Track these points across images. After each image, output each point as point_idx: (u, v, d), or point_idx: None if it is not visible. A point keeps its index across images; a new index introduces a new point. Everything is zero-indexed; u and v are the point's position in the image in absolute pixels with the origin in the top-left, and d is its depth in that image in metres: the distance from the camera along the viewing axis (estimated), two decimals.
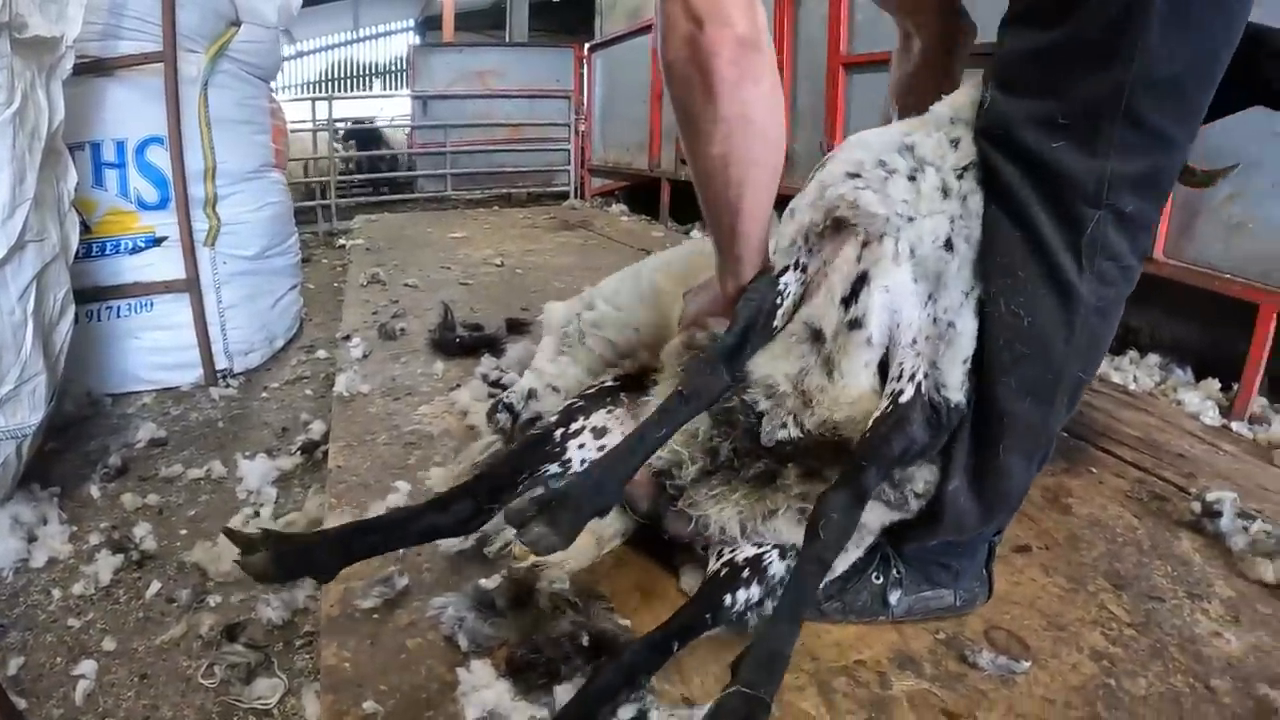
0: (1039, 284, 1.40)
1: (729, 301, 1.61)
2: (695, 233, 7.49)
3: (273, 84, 4.57)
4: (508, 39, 16.71)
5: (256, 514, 2.52)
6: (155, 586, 2.26)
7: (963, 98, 1.55)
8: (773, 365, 1.55)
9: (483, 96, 11.89)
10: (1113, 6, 1.25)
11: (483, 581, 1.65)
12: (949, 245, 1.45)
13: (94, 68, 3.52)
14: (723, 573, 1.59)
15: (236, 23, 3.98)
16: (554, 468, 1.71)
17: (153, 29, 3.58)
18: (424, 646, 1.56)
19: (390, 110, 16.59)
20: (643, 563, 1.84)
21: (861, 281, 1.48)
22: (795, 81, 6.00)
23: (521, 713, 1.37)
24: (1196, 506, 2.21)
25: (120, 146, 3.65)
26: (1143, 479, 2.47)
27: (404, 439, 2.50)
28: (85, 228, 3.47)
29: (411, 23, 29.88)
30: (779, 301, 1.53)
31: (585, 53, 10.88)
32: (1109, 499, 2.33)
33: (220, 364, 3.95)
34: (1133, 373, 3.65)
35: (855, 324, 1.49)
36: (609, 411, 1.81)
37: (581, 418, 1.77)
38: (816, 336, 1.52)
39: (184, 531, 2.56)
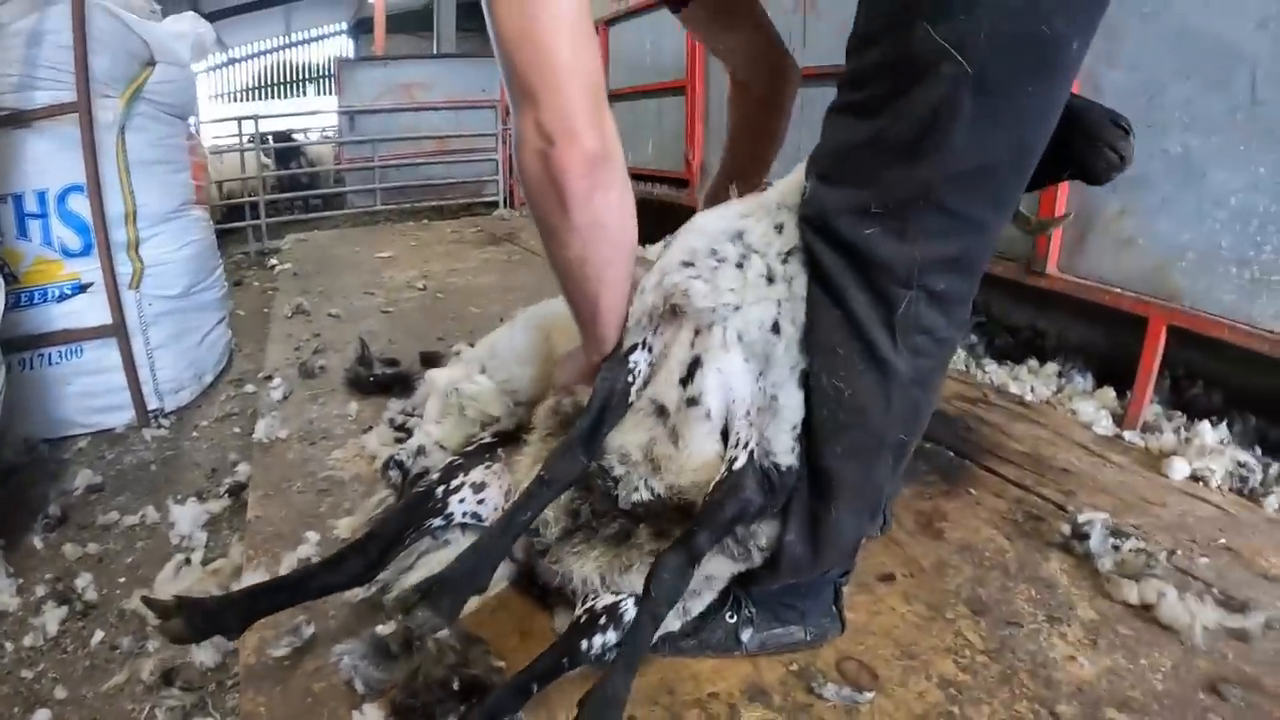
0: (857, 359, 1.48)
1: (593, 370, 1.74)
2: None
3: (190, 119, 4.62)
4: (435, 48, 16.67)
5: (188, 561, 2.64)
6: (99, 635, 2.41)
7: (792, 182, 1.64)
8: (625, 436, 1.68)
9: (409, 109, 11.93)
10: (921, 107, 1.31)
11: (379, 629, 1.77)
12: (775, 328, 1.56)
13: (12, 120, 3.61)
14: (583, 619, 1.68)
15: (151, 63, 4.04)
16: (438, 521, 1.85)
17: (67, 78, 3.65)
18: (327, 691, 1.71)
19: (321, 122, 16.50)
20: (523, 604, 1.96)
21: (696, 364, 1.60)
22: (709, 99, 6.11)
23: None
24: (1068, 528, 2.28)
25: (42, 196, 3.72)
26: (1022, 499, 2.53)
27: (318, 485, 2.62)
28: (13, 278, 3.60)
29: (344, 26, 29.58)
30: (630, 380, 1.66)
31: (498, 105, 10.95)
32: (984, 521, 2.39)
33: (151, 404, 4.04)
34: (1030, 383, 3.70)
35: (693, 401, 1.61)
36: (487, 467, 1.94)
37: (461, 474, 1.90)
38: (661, 411, 1.65)
39: (123, 579, 2.72)
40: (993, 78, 1.28)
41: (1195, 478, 2.78)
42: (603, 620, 1.67)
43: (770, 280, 1.57)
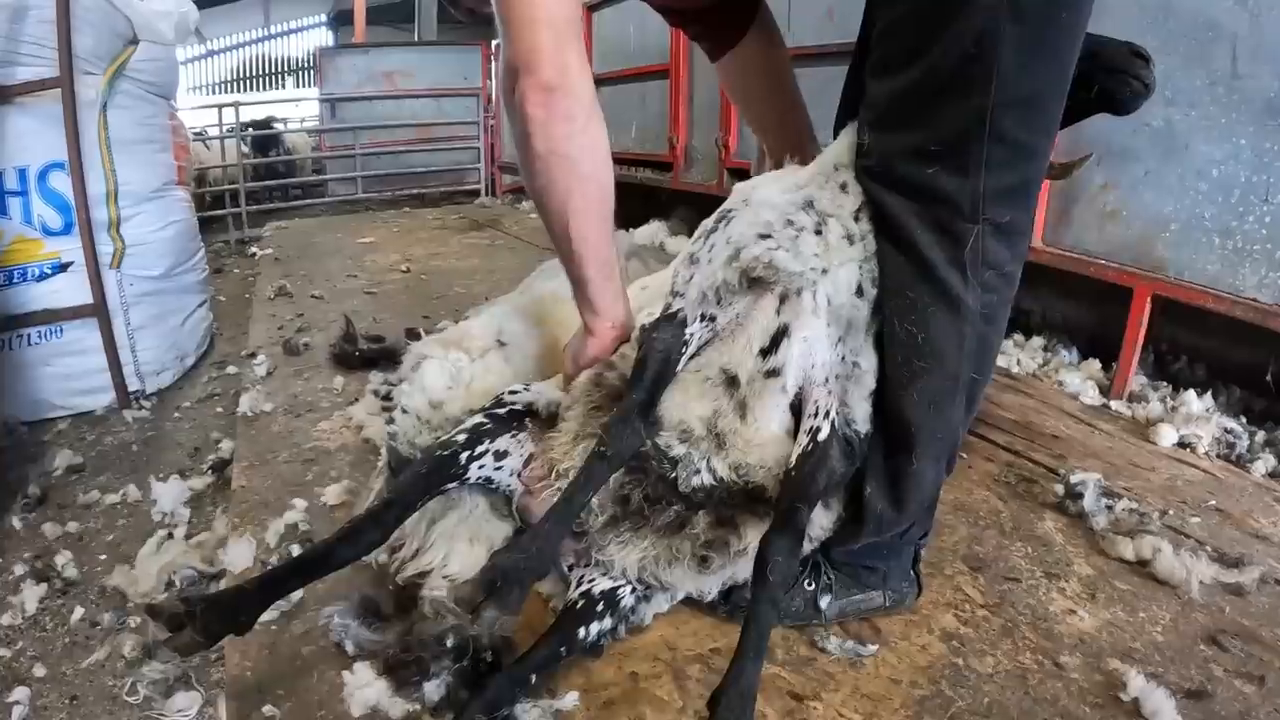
0: (929, 301, 1.49)
1: (605, 339, 1.78)
2: None
3: (173, 99, 4.56)
4: (417, 37, 16.56)
5: (170, 536, 2.62)
6: (79, 612, 2.39)
7: (842, 145, 1.66)
8: (686, 409, 1.63)
9: (391, 97, 11.74)
10: (964, 39, 1.33)
11: (369, 591, 1.77)
12: (859, 291, 1.55)
13: None
14: (579, 605, 1.66)
15: (134, 41, 4.00)
16: (453, 485, 1.78)
17: (50, 53, 3.61)
18: (317, 653, 1.69)
19: (302, 111, 16.40)
20: None
21: (782, 333, 1.56)
22: (693, 83, 6.10)
23: (399, 707, 1.51)
24: (1060, 488, 2.32)
25: (22, 174, 3.68)
26: (1013, 462, 2.59)
27: (303, 456, 2.61)
28: None
29: (324, 18, 29.42)
30: (683, 350, 1.62)
31: (494, 50, 10.86)
32: (976, 483, 2.43)
33: (132, 386, 4.01)
34: (1017, 356, 3.75)
35: (773, 373, 1.57)
36: (513, 436, 1.83)
37: (487, 440, 1.79)
38: (732, 382, 1.60)
39: (103, 557, 2.69)
40: (1028, 4, 1.32)
41: (1183, 444, 2.82)
42: (600, 606, 1.66)
43: (850, 241, 1.56)
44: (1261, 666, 1.70)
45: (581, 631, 1.61)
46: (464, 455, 1.76)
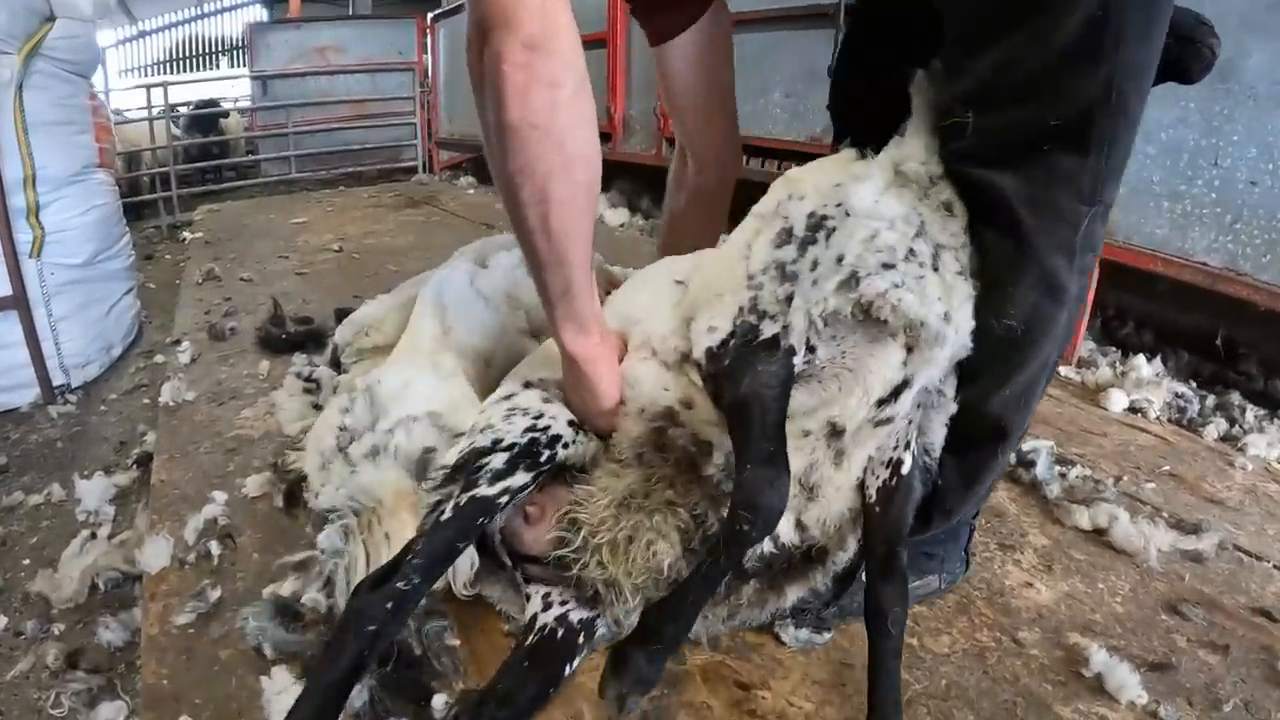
0: (1031, 291, 1.38)
1: (610, 362, 1.55)
2: None
3: (92, 78, 4.38)
4: (351, 11, 16.31)
5: (93, 536, 2.48)
6: (2, 621, 2.25)
7: (910, 145, 1.47)
8: None
9: (324, 73, 11.52)
10: (1089, 4, 1.23)
11: (290, 589, 1.68)
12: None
13: None
14: (559, 634, 1.52)
15: (50, 18, 3.80)
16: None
17: None
18: (235, 657, 1.59)
19: (237, 91, 16.05)
20: None
21: (904, 386, 1.41)
22: (630, 47, 6.02)
23: None
24: (1012, 456, 2.23)
25: None
26: None
27: (225, 445, 2.50)
28: None
29: None
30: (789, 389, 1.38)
31: (429, 23, 10.70)
32: None
33: (57, 380, 3.85)
34: None
35: (885, 421, 1.43)
36: (540, 489, 1.57)
37: (517, 487, 1.49)
38: (836, 434, 1.44)
39: (27, 561, 2.55)
40: None
41: (1134, 409, 2.82)
42: (580, 639, 1.54)
43: (964, 276, 1.41)
44: (1224, 635, 1.68)
45: (566, 669, 1.50)
46: (502, 500, 1.47)
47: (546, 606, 1.57)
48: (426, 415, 1.79)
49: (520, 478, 1.48)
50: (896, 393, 1.40)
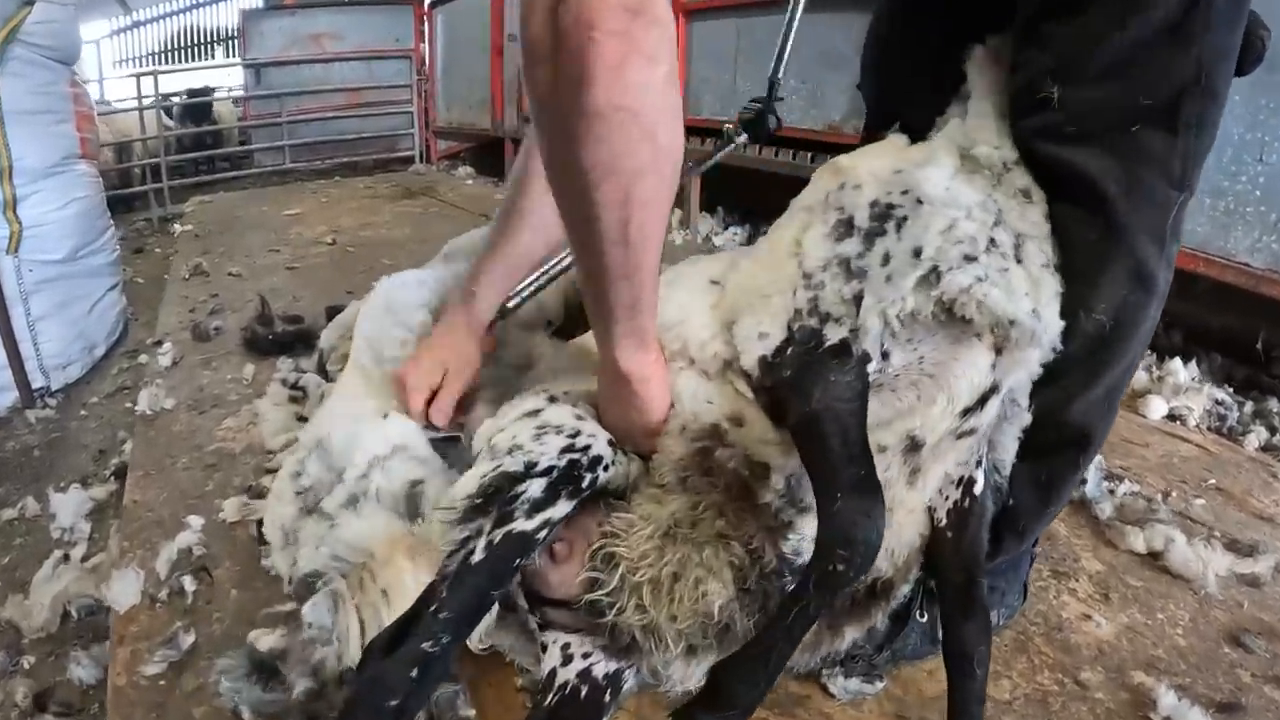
0: (1122, 283, 1.27)
1: (661, 384, 1.36)
2: None
3: (74, 65, 4.26)
4: None
5: (66, 558, 2.36)
6: None
7: (983, 128, 1.35)
8: None
9: (318, 61, 11.29)
10: None
11: (269, 641, 1.48)
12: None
13: None
14: (583, 692, 1.36)
15: (29, 2, 3.69)
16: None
17: None
18: (210, 716, 1.43)
19: (229, 80, 15.90)
20: None
21: (992, 392, 1.28)
22: None
23: None
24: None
25: None
26: None
27: (205, 460, 2.34)
28: None
29: None
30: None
31: (426, 9, 10.54)
32: None
33: (36, 382, 3.73)
34: None
35: (967, 433, 1.29)
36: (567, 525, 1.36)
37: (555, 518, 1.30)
38: (914, 448, 1.28)
39: None
40: None
41: (1173, 416, 2.71)
42: (608, 696, 1.37)
43: (1051, 270, 1.28)
44: None
45: None
46: (541, 535, 1.28)
47: (567, 660, 1.39)
48: (394, 450, 1.64)
49: (562, 507, 1.28)
50: (983, 400, 1.27)
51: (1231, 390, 2.97)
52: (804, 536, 1.29)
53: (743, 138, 2.03)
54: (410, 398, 1.76)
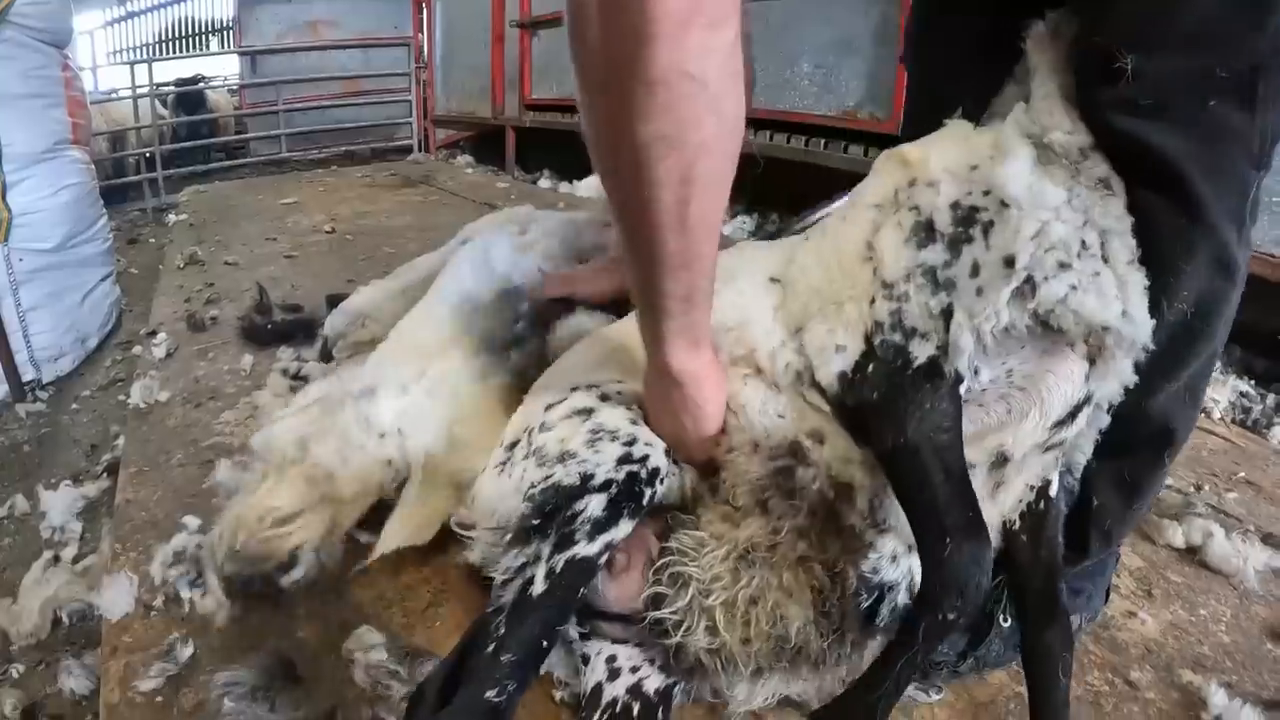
0: (1203, 268, 1.20)
1: (719, 385, 1.28)
2: (544, 182, 7.28)
3: (66, 48, 4.18)
4: None
5: (56, 559, 2.25)
6: None
7: (1053, 112, 1.24)
8: None
9: (315, 48, 11.26)
10: None
11: (279, 646, 1.43)
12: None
13: None
14: (634, 710, 1.27)
15: None
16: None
17: None
18: None
19: (224, 69, 15.85)
20: (464, 604, 1.59)
21: (1085, 402, 1.22)
22: None
23: None
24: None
25: None
26: None
27: (201, 456, 2.23)
28: None
29: None
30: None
31: None
32: None
33: (27, 375, 3.67)
34: None
35: (1054, 445, 1.23)
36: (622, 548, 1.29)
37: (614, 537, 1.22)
38: (1001, 463, 1.22)
39: None
40: None
41: None
42: (660, 714, 1.29)
43: (1135, 266, 1.19)
44: None
45: None
46: (603, 561, 1.21)
47: (614, 674, 1.30)
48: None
49: (624, 527, 1.20)
50: (1075, 412, 1.20)
51: (1254, 383, 2.94)
52: (883, 555, 1.23)
53: None
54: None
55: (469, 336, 1.82)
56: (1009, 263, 1.13)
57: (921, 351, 1.14)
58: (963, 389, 1.14)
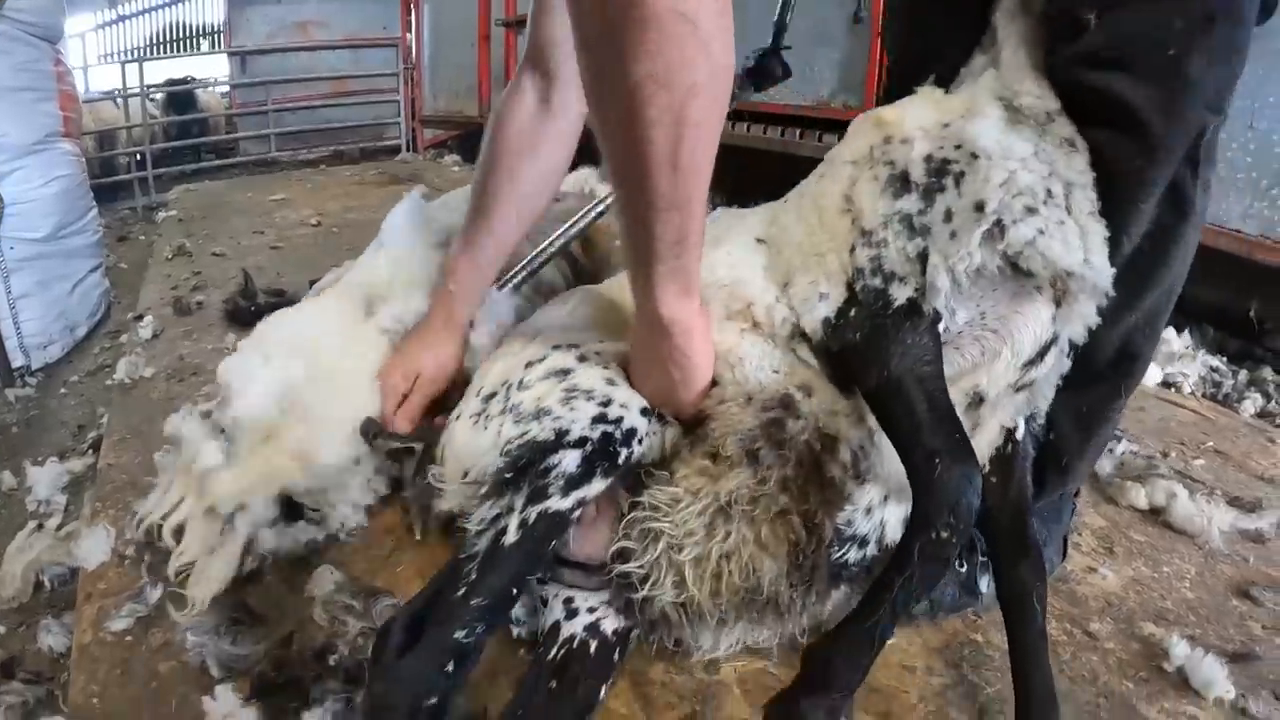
0: (1160, 206, 1.28)
1: (706, 335, 1.31)
2: None
3: (59, 42, 4.22)
4: None
5: (40, 527, 2.25)
6: None
7: (1021, 77, 1.29)
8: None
9: (304, 49, 11.24)
10: None
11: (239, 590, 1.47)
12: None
13: None
14: (591, 647, 1.30)
15: None
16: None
17: None
18: (176, 671, 1.39)
19: (215, 70, 15.85)
20: (426, 552, 1.64)
21: (1051, 345, 1.29)
22: None
23: None
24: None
25: None
26: None
27: None
28: None
29: None
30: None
31: None
32: None
33: (16, 361, 3.70)
34: None
35: (1025, 385, 1.30)
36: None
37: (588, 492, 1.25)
38: (977, 403, 1.30)
39: None
40: None
41: (1167, 384, 2.73)
42: (616, 654, 1.33)
43: (1096, 217, 1.25)
44: None
45: (600, 694, 1.27)
46: (575, 516, 1.24)
47: (571, 614, 1.34)
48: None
49: (596, 485, 1.24)
50: (1044, 352, 1.28)
51: (1225, 360, 2.99)
52: (858, 508, 1.29)
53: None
54: (384, 403, 1.79)
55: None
56: (979, 207, 1.20)
57: (901, 293, 1.21)
58: (940, 328, 1.20)
